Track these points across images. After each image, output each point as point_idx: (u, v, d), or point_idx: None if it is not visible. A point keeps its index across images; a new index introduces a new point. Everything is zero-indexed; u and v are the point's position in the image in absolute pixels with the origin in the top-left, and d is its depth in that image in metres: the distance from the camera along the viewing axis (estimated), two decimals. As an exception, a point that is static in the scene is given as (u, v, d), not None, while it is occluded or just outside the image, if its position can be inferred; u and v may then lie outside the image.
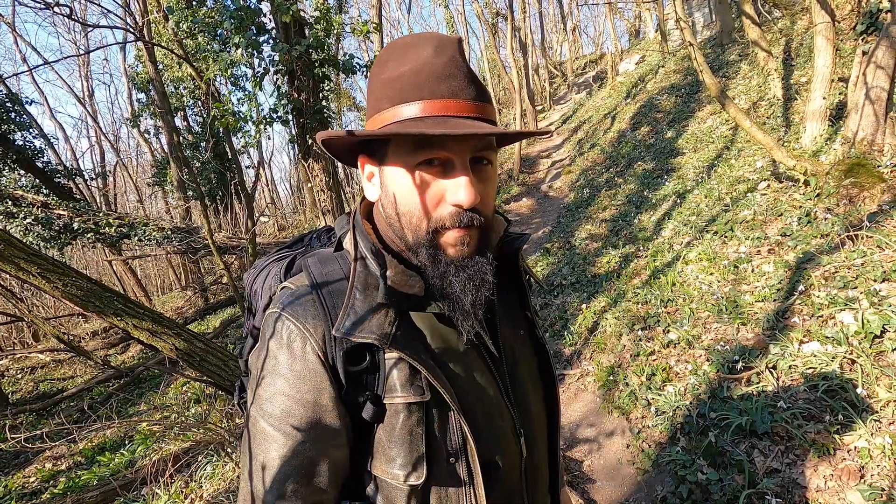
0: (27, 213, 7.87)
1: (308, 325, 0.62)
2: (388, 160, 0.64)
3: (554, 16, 28.98)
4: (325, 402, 0.61)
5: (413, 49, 0.63)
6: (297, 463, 0.60)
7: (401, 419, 0.62)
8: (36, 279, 2.23)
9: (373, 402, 0.62)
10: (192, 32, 6.31)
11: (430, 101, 0.60)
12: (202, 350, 2.67)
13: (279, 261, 0.82)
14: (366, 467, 0.66)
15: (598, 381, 3.49)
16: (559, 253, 6.48)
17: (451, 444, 0.65)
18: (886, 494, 1.77)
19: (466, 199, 0.60)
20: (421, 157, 0.61)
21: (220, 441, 3.37)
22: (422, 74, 0.61)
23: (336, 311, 0.63)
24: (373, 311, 0.63)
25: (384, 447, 0.63)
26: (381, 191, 0.68)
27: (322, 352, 0.62)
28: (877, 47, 3.54)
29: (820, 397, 2.23)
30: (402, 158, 0.62)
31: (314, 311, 0.63)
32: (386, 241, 0.70)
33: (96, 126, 20.61)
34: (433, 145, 0.60)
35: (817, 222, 3.51)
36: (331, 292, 0.65)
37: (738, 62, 8.60)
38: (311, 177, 5.78)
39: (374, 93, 0.65)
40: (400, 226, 0.65)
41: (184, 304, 13.41)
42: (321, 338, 0.62)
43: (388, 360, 0.63)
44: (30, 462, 5.78)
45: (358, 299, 0.63)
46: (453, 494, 0.65)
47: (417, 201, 0.62)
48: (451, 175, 0.62)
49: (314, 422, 0.61)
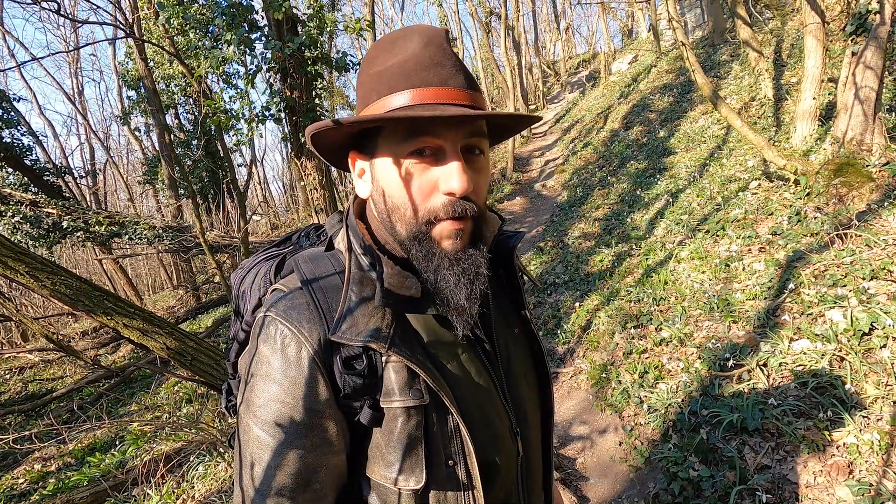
0: (15, 212, 7.77)
1: (303, 329, 0.60)
2: (378, 152, 0.63)
3: (547, 15, 29.04)
4: (321, 408, 0.60)
5: (401, 41, 0.62)
6: (293, 470, 0.58)
7: (399, 423, 0.61)
8: (24, 278, 2.19)
9: (371, 407, 0.61)
10: (183, 29, 6.24)
11: (420, 90, 0.59)
12: (194, 349, 2.65)
13: (267, 260, 0.80)
14: (363, 472, 0.64)
15: (591, 379, 3.50)
16: (552, 252, 6.49)
17: (449, 447, 0.64)
18: (875, 490, 1.79)
19: (459, 185, 0.59)
20: (412, 146, 0.59)
21: (211, 441, 3.36)
22: (409, 64, 0.60)
23: (331, 314, 0.61)
24: (370, 314, 0.61)
25: (382, 452, 0.62)
26: (371, 186, 0.67)
27: (318, 357, 0.60)
28: (865, 48, 3.58)
29: (809, 394, 2.25)
30: (391, 149, 0.61)
31: (309, 315, 0.61)
32: (380, 241, 0.68)
33: (86, 123, 20.37)
34: (424, 133, 0.59)
35: (807, 221, 3.55)
36: (325, 294, 0.63)
37: (730, 62, 8.67)
38: (304, 175, 5.75)
39: (363, 87, 0.64)
40: (391, 221, 0.64)
41: (175, 304, 13.31)
42: (317, 342, 0.60)
43: (386, 364, 0.62)
44: (18, 463, 5.71)
45: (354, 301, 0.61)
46: (452, 498, 0.64)
47: (409, 192, 0.61)
48: (442, 163, 0.60)
49: (311, 428, 0.59)
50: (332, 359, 0.60)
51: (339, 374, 0.60)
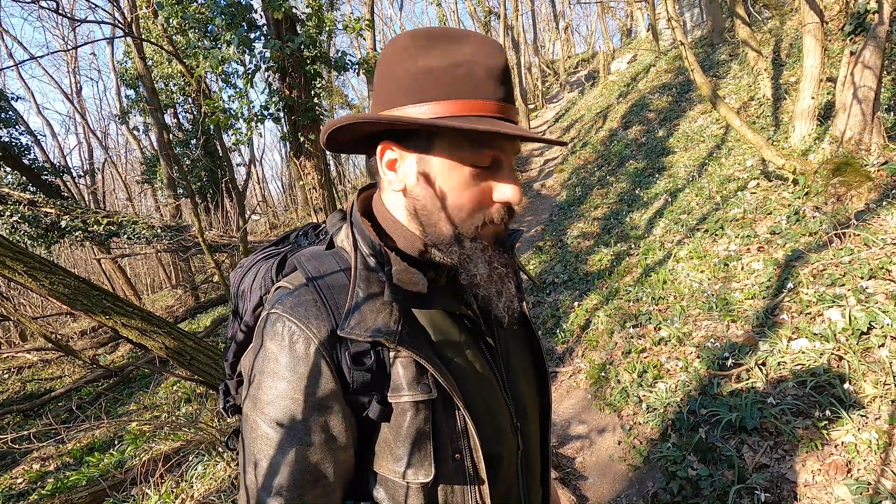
0: (14, 211, 7.75)
1: (311, 325, 0.60)
2: (435, 152, 0.63)
3: (546, 15, 29.06)
4: (330, 404, 0.60)
5: (456, 44, 0.62)
6: (302, 466, 0.59)
7: (408, 418, 0.62)
8: (22, 277, 2.19)
9: (379, 402, 0.62)
10: (182, 28, 6.24)
11: (491, 102, 0.61)
12: (193, 349, 2.64)
13: (266, 259, 0.80)
14: (370, 467, 0.65)
15: (590, 379, 3.51)
16: (551, 251, 6.50)
17: (456, 441, 0.65)
18: (873, 488, 1.79)
19: (516, 198, 0.64)
20: (476, 155, 0.62)
21: (210, 440, 3.35)
22: (479, 72, 0.61)
23: (339, 311, 0.62)
24: (378, 310, 0.62)
25: (391, 446, 0.63)
26: (409, 180, 0.66)
27: (327, 353, 0.60)
28: (864, 48, 3.58)
29: (808, 393, 2.26)
30: (453, 153, 0.62)
31: (316, 312, 0.61)
32: (389, 236, 0.69)
33: (84, 123, 20.32)
34: (491, 146, 0.62)
35: (806, 220, 3.55)
36: (331, 291, 0.63)
37: (729, 62, 8.67)
38: (303, 174, 5.75)
39: (404, 77, 0.62)
40: (434, 219, 0.64)
41: (174, 303, 13.29)
42: (325, 338, 0.60)
43: (395, 359, 0.63)
44: (17, 463, 5.70)
45: (361, 298, 0.62)
46: (458, 490, 0.65)
47: (469, 197, 0.63)
48: (499, 174, 0.65)
49: (320, 424, 0.60)
50: (340, 355, 0.61)
51: (348, 369, 0.61)
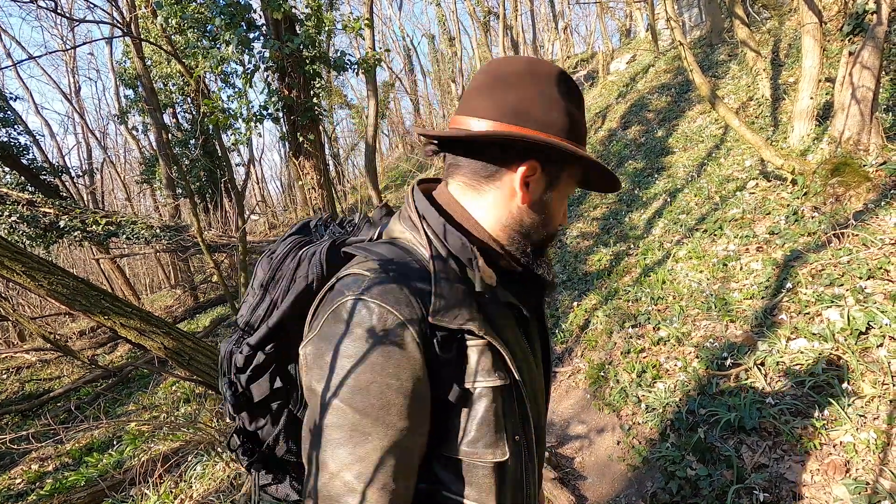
0: (12, 211, 7.73)
1: (404, 311, 0.61)
2: (561, 183, 0.75)
3: (545, 15, 29.02)
4: (421, 390, 0.62)
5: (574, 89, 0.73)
6: (398, 452, 0.60)
7: (486, 402, 0.65)
8: (21, 277, 2.19)
9: (459, 386, 0.65)
10: (181, 28, 6.23)
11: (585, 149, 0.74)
12: (191, 349, 2.64)
13: (299, 248, 0.79)
14: (437, 450, 0.67)
15: (589, 379, 3.51)
16: (550, 251, 6.48)
17: (518, 423, 0.70)
18: (871, 488, 1.80)
19: (566, 221, 0.81)
20: (570, 189, 0.78)
21: (210, 441, 3.35)
22: (583, 125, 0.74)
23: (422, 299, 0.63)
24: (460, 300, 0.65)
25: (468, 429, 0.66)
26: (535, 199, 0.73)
27: (420, 339, 0.62)
28: (863, 48, 3.58)
29: (807, 393, 2.26)
30: (567, 185, 0.76)
31: (405, 299, 0.62)
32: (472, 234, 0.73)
33: (83, 122, 20.25)
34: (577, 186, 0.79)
35: (804, 221, 3.56)
36: (409, 279, 0.64)
37: (728, 62, 8.68)
38: (303, 174, 5.75)
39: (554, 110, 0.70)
40: (530, 230, 0.75)
41: (173, 303, 13.28)
42: (418, 325, 0.62)
43: (474, 346, 0.66)
44: (15, 463, 5.70)
45: (444, 287, 0.64)
46: (520, 468, 0.71)
47: (557, 218, 0.78)
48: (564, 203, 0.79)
49: (413, 410, 0.61)
50: (431, 341, 0.63)
51: (436, 356, 0.63)
